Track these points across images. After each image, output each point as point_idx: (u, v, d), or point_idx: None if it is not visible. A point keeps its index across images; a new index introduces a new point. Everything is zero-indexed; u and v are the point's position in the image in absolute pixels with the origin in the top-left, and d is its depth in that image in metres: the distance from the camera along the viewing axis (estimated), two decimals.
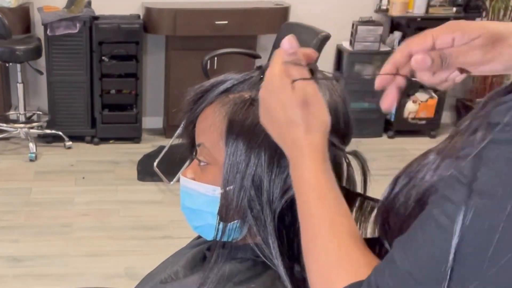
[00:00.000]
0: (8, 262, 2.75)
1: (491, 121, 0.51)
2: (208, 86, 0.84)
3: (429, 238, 0.53)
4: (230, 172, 0.79)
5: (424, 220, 0.55)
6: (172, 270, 0.93)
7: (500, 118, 0.50)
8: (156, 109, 4.41)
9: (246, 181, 0.78)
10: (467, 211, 0.50)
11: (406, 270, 0.54)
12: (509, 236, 0.48)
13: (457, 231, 0.50)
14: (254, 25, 4.01)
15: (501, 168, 0.49)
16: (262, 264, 0.82)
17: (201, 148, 0.84)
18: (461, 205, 0.50)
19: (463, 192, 0.50)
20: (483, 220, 0.49)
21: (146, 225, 3.11)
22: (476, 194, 0.50)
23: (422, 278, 0.53)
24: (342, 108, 0.82)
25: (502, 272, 0.48)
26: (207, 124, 0.83)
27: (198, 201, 0.85)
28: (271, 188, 0.78)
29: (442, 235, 0.52)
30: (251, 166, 0.78)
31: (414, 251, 0.54)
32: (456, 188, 0.52)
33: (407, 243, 0.56)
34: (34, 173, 3.68)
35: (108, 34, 3.86)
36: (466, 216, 0.50)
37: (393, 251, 0.57)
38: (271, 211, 0.78)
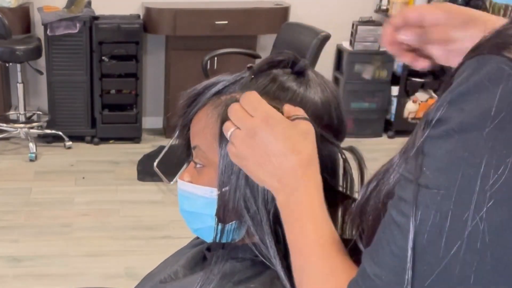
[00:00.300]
0: (8, 262, 2.76)
1: (427, 118, 0.54)
2: (200, 89, 0.85)
3: (390, 239, 0.55)
4: (225, 173, 0.79)
5: (385, 223, 0.57)
6: (172, 270, 0.93)
7: (434, 114, 0.53)
8: (156, 109, 4.41)
9: (240, 181, 0.78)
10: (417, 207, 0.52)
11: (374, 274, 0.56)
12: (458, 222, 0.50)
13: (411, 227, 0.52)
14: (254, 25, 4.01)
15: (441, 161, 0.52)
16: (261, 264, 0.82)
17: (196, 150, 0.84)
18: (411, 202, 0.53)
19: (412, 189, 0.53)
20: (432, 211, 0.51)
21: (146, 225, 3.12)
22: (424, 189, 0.52)
23: (387, 278, 0.55)
24: (334, 104, 0.82)
25: (455, 259, 0.50)
26: (200, 127, 0.83)
27: (196, 204, 0.85)
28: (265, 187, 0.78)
29: (400, 233, 0.54)
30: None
31: (379, 254, 0.57)
32: (407, 186, 0.55)
33: (373, 250, 0.58)
34: (34, 173, 3.68)
35: (108, 34, 3.86)
36: (417, 211, 0.52)
37: (363, 262, 0.60)
38: (266, 210, 0.78)
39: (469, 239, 0.50)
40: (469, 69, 0.52)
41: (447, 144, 0.52)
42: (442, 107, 0.53)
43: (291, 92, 0.79)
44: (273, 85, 0.80)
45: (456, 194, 0.50)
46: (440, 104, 0.53)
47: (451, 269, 0.51)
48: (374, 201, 0.65)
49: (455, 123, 0.51)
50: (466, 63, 0.54)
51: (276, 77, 0.81)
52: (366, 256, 0.59)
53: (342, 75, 4.32)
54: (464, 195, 0.50)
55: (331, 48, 4.26)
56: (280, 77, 0.81)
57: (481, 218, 0.49)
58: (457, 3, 4.12)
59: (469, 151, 0.50)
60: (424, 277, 0.52)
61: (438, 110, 0.53)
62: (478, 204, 0.49)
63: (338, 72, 4.42)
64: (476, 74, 0.51)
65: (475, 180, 0.49)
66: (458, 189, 0.50)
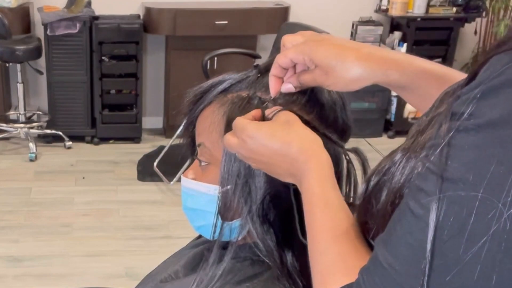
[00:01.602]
0: (8, 262, 2.76)
1: (454, 112, 0.53)
2: (207, 87, 0.85)
3: (406, 229, 0.54)
4: (228, 170, 0.79)
5: (401, 212, 0.56)
6: (172, 269, 0.93)
7: (463, 108, 0.52)
8: (156, 109, 4.41)
9: (242, 179, 0.78)
10: (440, 200, 0.51)
11: (387, 263, 0.55)
12: (483, 219, 0.49)
13: (432, 220, 0.51)
14: (254, 25, 4.01)
15: (469, 155, 0.50)
16: (261, 264, 0.82)
17: (201, 148, 0.85)
18: (434, 195, 0.52)
19: (435, 182, 0.52)
20: (457, 207, 0.50)
21: (146, 225, 3.12)
22: (448, 182, 0.51)
23: (402, 269, 0.54)
24: (340, 104, 0.82)
25: (477, 257, 0.49)
26: (206, 124, 0.83)
27: (199, 201, 0.85)
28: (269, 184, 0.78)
29: (418, 225, 0.53)
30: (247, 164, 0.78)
31: (394, 244, 0.55)
32: (429, 178, 0.53)
33: (387, 237, 0.57)
34: (34, 173, 3.68)
35: (108, 34, 3.86)
36: (440, 205, 0.51)
37: (375, 249, 0.59)
38: (267, 210, 0.78)
39: (494, 238, 0.48)
40: (498, 64, 0.51)
41: (478, 138, 0.50)
42: (471, 100, 0.51)
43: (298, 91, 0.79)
44: None
45: (484, 191, 0.49)
46: (469, 98, 0.51)
47: (472, 268, 0.49)
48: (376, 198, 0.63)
49: (487, 118, 0.49)
50: (494, 57, 0.52)
51: None
52: (379, 243, 0.58)
53: None
54: (492, 193, 0.48)
55: None
56: None
57: (509, 216, 0.47)
58: (457, 3, 4.12)
59: (501, 147, 0.48)
60: (442, 273, 0.51)
61: (467, 103, 0.51)
62: (506, 203, 0.48)
63: None
64: (509, 69, 0.49)
65: (506, 178, 0.48)
66: (486, 185, 0.49)
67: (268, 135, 0.72)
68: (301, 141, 0.71)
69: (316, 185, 0.69)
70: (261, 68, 0.82)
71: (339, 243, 0.65)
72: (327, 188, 0.69)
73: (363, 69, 0.71)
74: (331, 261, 0.65)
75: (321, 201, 0.68)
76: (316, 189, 0.69)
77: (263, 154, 0.72)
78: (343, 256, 0.64)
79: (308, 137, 0.72)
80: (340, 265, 0.64)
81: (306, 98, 0.79)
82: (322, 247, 0.66)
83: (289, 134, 0.71)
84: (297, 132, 0.72)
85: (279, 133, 0.72)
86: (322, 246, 0.66)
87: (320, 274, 0.65)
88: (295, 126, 0.73)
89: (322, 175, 0.70)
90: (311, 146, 0.71)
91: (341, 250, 0.65)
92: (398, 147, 0.66)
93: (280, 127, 0.72)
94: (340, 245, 0.65)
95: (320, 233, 0.67)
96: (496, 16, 4.24)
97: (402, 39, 4.20)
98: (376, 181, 0.64)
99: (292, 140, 0.71)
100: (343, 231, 0.66)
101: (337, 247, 0.65)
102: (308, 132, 0.73)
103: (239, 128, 0.73)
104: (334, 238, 0.66)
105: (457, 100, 0.53)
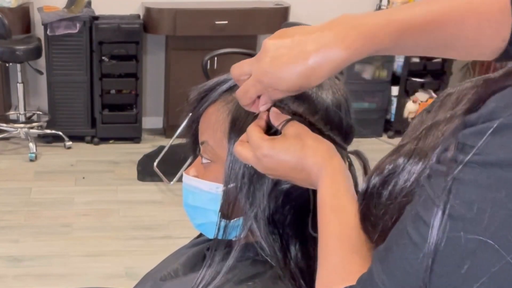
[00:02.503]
0: (8, 262, 2.76)
1: (462, 142, 0.51)
2: (212, 85, 0.85)
3: (403, 254, 0.54)
4: (232, 169, 0.79)
5: (399, 233, 0.55)
6: (172, 268, 0.93)
7: (471, 141, 0.50)
8: (156, 109, 4.41)
9: (246, 178, 0.78)
10: (439, 233, 0.50)
11: (382, 282, 0.55)
12: (481, 263, 0.48)
13: (429, 252, 0.50)
14: (254, 25, 4.01)
15: (472, 193, 0.49)
16: (262, 263, 0.82)
17: (204, 146, 0.84)
18: (433, 227, 0.50)
19: (435, 214, 0.51)
20: (455, 245, 0.49)
21: (146, 225, 3.11)
22: (449, 219, 0.50)
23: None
24: (345, 107, 0.82)
25: None
26: (210, 123, 0.83)
27: (201, 199, 0.85)
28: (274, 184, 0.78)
29: (415, 253, 0.52)
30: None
31: (389, 264, 0.55)
32: (429, 208, 0.51)
33: (384, 255, 0.57)
34: (34, 173, 3.68)
35: (108, 34, 3.86)
36: (438, 239, 0.50)
37: (372, 263, 0.59)
38: (270, 210, 0.78)
39: (493, 280, 0.47)
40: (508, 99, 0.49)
41: (483, 177, 0.48)
42: (482, 134, 0.49)
43: (304, 92, 0.79)
44: None
45: (484, 234, 0.47)
46: (480, 131, 0.49)
47: None
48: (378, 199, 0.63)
49: (496, 157, 0.48)
50: (508, 89, 0.50)
51: None
52: (375, 259, 0.58)
53: (342, 75, 4.29)
54: (493, 236, 0.47)
55: None
56: None
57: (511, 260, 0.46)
58: None
59: (505, 190, 0.47)
60: None
61: (477, 136, 0.49)
62: (508, 247, 0.46)
63: (338, 72, 4.41)
64: None
65: (508, 223, 0.46)
66: (486, 228, 0.47)
67: (283, 152, 0.72)
68: (314, 155, 0.72)
69: (327, 193, 0.70)
70: None
71: (343, 249, 0.66)
72: (339, 195, 0.70)
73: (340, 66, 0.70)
74: (334, 266, 0.66)
75: (331, 209, 0.69)
76: (327, 198, 0.70)
77: (279, 170, 0.74)
78: (345, 262, 0.65)
79: (319, 148, 0.73)
80: (341, 271, 0.65)
81: (312, 98, 0.79)
82: (327, 251, 0.68)
83: (302, 149, 0.72)
84: (309, 146, 0.72)
85: (293, 148, 0.72)
86: (327, 250, 0.68)
87: (322, 277, 0.67)
88: (307, 139, 0.73)
89: (334, 183, 0.71)
90: (323, 156, 0.72)
91: (344, 256, 0.66)
92: (397, 147, 0.65)
93: (294, 141, 0.73)
94: (344, 251, 0.66)
95: (326, 238, 0.68)
96: None
97: None
98: (377, 182, 0.64)
99: (305, 155, 0.72)
100: (349, 236, 0.67)
101: (341, 252, 0.66)
102: (319, 142, 0.74)
103: (255, 145, 0.74)
104: (339, 244, 0.67)
105: (463, 126, 0.51)
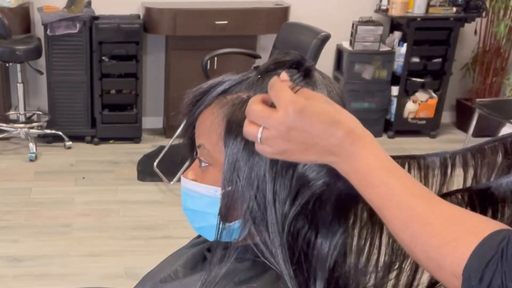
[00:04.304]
0: (8, 262, 2.76)
1: None
2: (206, 88, 0.84)
3: None
4: (230, 171, 0.79)
5: None
6: (171, 269, 0.93)
7: None
8: (156, 109, 4.41)
9: (244, 181, 0.78)
10: None
11: None
12: None
13: None
14: (254, 25, 4.01)
15: None
16: (262, 264, 0.82)
17: (201, 149, 0.84)
18: None
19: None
20: None
21: (146, 225, 3.12)
22: None
23: None
24: (340, 105, 0.82)
25: None
26: (206, 126, 0.83)
27: (199, 202, 0.85)
28: (274, 187, 0.78)
29: None
30: (250, 164, 0.78)
31: None
32: None
33: None
34: (34, 173, 3.68)
35: (108, 34, 3.86)
36: None
37: None
38: (269, 210, 0.78)
39: None
40: None
41: None
42: None
43: None
44: None
45: None
46: None
47: None
48: None
49: None
50: None
51: None
52: None
53: (342, 75, 4.32)
54: None
55: (331, 48, 4.26)
56: None
57: None
58: (457, 3, 4.12)
59: None
60: None
61: None
62: None
63: (338, 72, 4.42)
64: None
65: None
66: None
67: (315, 113, 0.67)
68: (349, 119, 0.68)
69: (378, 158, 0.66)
70: (261, 70, 0.82)
71: (440, 206, 0.61)
72: (388, 159, 0.67)
73: None
74: (444, 226, 0.59)
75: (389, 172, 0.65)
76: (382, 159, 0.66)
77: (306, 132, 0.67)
78: (455, 217, 0.59)
79: (350, 116, 0.70)
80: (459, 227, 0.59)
81: None
82: (422, 215, 0.61)
83: (337, 113, 0.68)
84: (342, 110, 0.69)
85: (328, 110, 0.68)
86: (422, 215, 0.61)
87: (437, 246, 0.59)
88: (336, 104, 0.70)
89: (379, 148, 0.67)
90: (354, 119, 0.69)
91: (450, 212, 0.60)
92: None
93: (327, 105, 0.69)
94: (442, 207, 0.61)
95: (409, 200, 0.62)
96: (496, 16, 4.23)
97: (402, 39, 4.21)
98: None
99: (341, 119, 0.68)
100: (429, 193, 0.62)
101: (439, 210, 0.60)
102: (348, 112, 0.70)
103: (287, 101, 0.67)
104: (430, 202, 0.61)
105: None
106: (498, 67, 4.37)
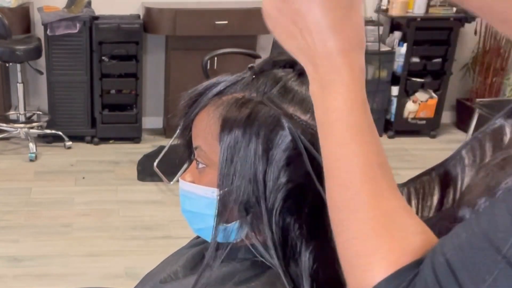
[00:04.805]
0: (8, 262, 2.76)
1: None
2: (202, 89, 0.85)
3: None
4: (225, 173, 0.79)
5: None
6: (171, 269, 0.93)
7: None
8: (156, 109, 4.41)
9: (240, 182, 0.78)
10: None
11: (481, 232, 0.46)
12: None
13: None
14: (254, 25, 4.01)
15: None
16: (261, 265, 0.82)
17: (198, 151, 0.84)
18: None
19: None
20: None
21: (146, 225, 3.12)
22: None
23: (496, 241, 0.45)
24: None
25: None
26: (202, 127, 0.83)
27: (198, 204, 0.85)
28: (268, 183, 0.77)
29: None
30: (245, 162, 0.77)
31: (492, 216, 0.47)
32: None
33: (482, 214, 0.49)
34: (34, 173, 3.68)
35: (108, 34, 3.86)
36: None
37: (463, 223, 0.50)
38: (267, 211, 0.78)
39: None
40: None
41: None
42: None
43: (293, 92, 0.79)
44: (275, 85, 0.80)
45: None
46: None
47: None
48: None
49: None
50: None
51: (277, 77, 0.81)
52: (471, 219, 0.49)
53: None
54: None
55: None
56: (282, 77, 0.81)
57: None
58: None
59: None
60: None
61: None
62: None
63: None
64: None
65: None
66: None
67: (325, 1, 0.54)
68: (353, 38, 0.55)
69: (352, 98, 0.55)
70: (256, 70, 0.82)
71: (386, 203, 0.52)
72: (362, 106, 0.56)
73: None
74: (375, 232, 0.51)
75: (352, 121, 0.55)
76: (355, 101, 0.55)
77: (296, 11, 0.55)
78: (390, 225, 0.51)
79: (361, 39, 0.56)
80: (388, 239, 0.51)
81: (302, 97, 0.79)
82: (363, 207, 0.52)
83: (346, 21, 0.55)
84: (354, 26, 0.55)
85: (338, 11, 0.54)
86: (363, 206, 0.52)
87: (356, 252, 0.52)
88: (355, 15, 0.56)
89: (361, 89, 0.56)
90: (361, 48, 0.56)
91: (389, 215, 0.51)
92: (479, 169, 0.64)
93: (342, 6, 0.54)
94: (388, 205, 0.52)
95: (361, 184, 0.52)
96: None
97: (402, 39, 4.20)
98: None
99: (344, 30, 0.55)
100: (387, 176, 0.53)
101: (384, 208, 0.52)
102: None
103: None
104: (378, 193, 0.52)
105: None
106: (498, 67, 4.37)
